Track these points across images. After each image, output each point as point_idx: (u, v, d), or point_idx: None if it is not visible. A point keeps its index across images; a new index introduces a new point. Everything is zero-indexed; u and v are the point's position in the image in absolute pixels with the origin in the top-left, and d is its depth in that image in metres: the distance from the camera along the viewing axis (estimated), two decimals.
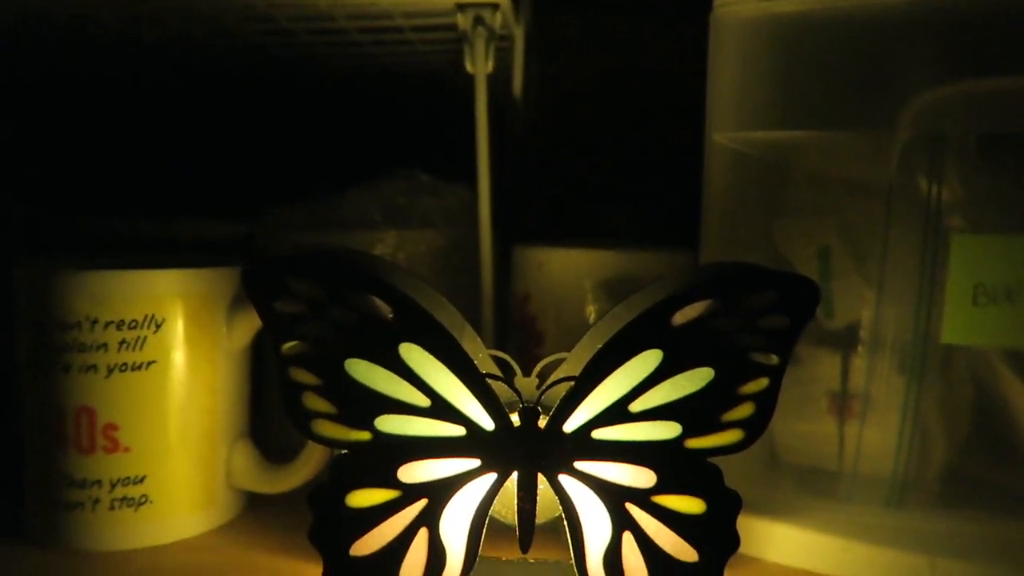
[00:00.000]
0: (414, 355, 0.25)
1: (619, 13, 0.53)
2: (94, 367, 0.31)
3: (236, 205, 0.44)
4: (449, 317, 0.28)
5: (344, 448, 0.26)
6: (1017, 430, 0.34)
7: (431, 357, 0.25)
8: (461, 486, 0.26)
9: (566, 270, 0.40)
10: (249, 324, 0.34)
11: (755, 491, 0.36)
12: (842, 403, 0.36)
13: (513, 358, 0.27)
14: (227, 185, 0.49)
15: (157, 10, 0.39)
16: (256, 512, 0.36)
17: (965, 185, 0.31)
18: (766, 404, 0.26)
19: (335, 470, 0.26)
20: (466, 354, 0.25)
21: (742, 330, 0.25)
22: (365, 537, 0.26)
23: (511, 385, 0.26)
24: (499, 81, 0.45)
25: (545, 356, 0.27)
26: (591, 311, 0.39)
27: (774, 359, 0.25)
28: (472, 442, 0.25)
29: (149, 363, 0.32)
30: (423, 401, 0.25)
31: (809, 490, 0.36)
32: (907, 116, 0.30)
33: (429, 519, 0.26)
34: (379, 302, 0.25)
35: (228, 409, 0.34)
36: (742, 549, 0.34)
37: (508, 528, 0.27)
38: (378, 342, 0.25)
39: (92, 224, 0.41)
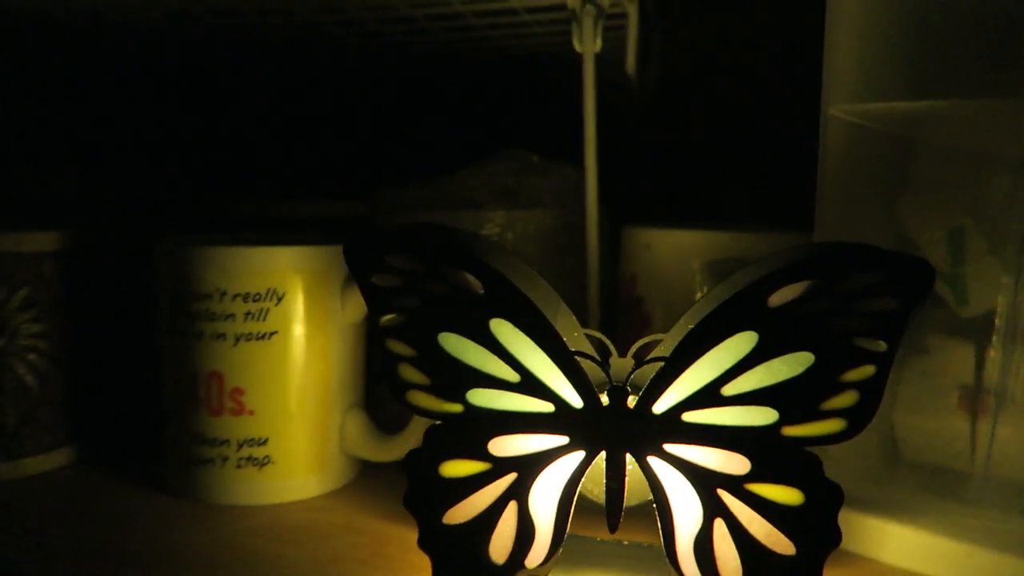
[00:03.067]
0: (504, 331, 0.25)
1: None
2: (223, 335, 0.34)
3: (357, 186, 0.46)
4: (544, 295, 0.29)
5: (437, 419, 0.26)
6: None
7: (521, 333, 0.25)
8: (550, 462, 0.26)
9: (673, 251, 0.39)
10: (361, 300, 0.36)
11: (873, 488, 0.34)
12: (975, 398, 0.33)
13: (620, 341, 0.27)
14: (349, 168, 0.51)
15: (285, 2, 0.41)
16: (366, 480, 0.38)
17: None
18: (872, 393, 0.24)
19: (428, 440, 0.26)
20: (556, 331, 0.25)
21: (844, 313, 0.24)
22: (457, 506, 0.26)
23: (601, 364, 0.26)
24: (613, 60, 0.44)
25: None
26: (699, 293, 0.38)
27: (881, 345, 0.24)
28: (561, 419, 0.26)
29: (271, 333, 0.34)
30: (513, 376, 0.26)
31: (934, 491, 0.33)
32: None
33: (518, 493, 0.26)
34: (471, 278, 0.25)
35: (341, 379, 0.37)
36: (855, 548, 0.32)
37: (603, 508, 0.27)
38: (470, 317, 0.26)
39: (223, 206, 0.44)
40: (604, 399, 0.26)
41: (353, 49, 0.50)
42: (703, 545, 0.25)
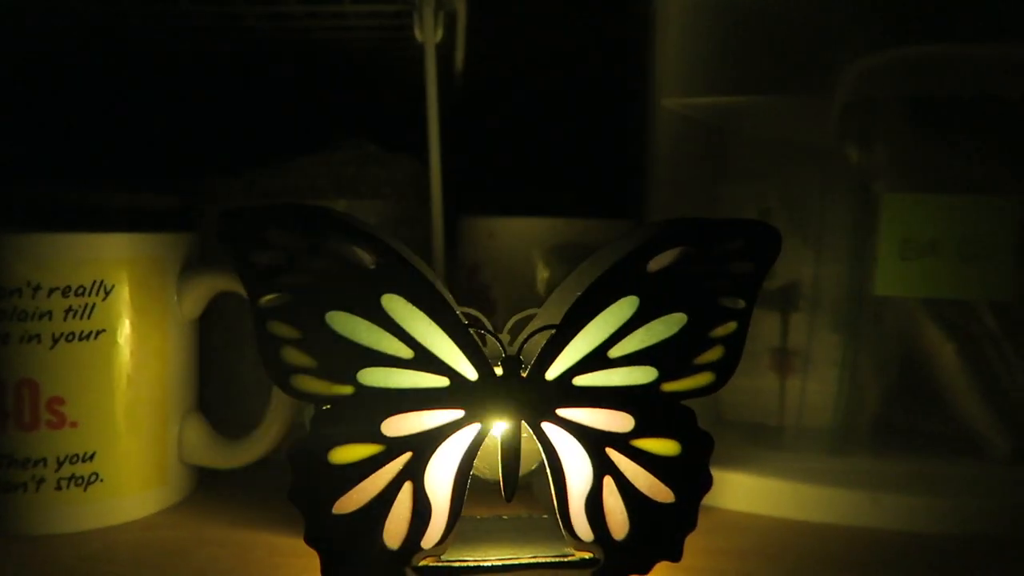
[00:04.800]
0: (396, 306, 0.25)
1: None
2: (37, 336, 0.29)
3: (169, 177, 0.42)
4: (424, 272, 0.28)
5: (325, 403, 0.25)
6: (937, 379, 0.36)
7: (414, 308, 0.25)
8: (445, 438, 0.26)
9: (516, 238, 0.40)
10: (200, 292, 0.33)
11: None
12: (783, 359, 0.38)
13: None
14: (158, 157, 0.47)
15: None
16: (206, 489, 0.35)
17: (894, 147, 0.33)
18: (735, 347, 0.27)
19: (316, 426, 0.25)
20: (449, 304, 0.25)
21: (712, 276, 0.26)
22: (349, 494, 0.25)
23: (495, 335, 0.26)
24: (440, 55, 0.45)
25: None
26: (542, 277, 0.40)
27: (741, 303, 0.27)
28: (456, 393, 0.26)
29: (98, 332, 0.30)
30: (406, 353, 0.25)
31: (755, 443, 0.38)
32: (844, 81, 0.32)
33: (414, 472, 0.25)
34: (362, 252, 0.24)
35: (179, 381, 0.33)
36: None
37: (480, 485, 0.28)
38: (360, 293, 0.25)
39: (14, 193, 0.38)
40: (497, 371, 0.26)
41: (167, 34, 0.46)
42: (593, 503, 0.26)
